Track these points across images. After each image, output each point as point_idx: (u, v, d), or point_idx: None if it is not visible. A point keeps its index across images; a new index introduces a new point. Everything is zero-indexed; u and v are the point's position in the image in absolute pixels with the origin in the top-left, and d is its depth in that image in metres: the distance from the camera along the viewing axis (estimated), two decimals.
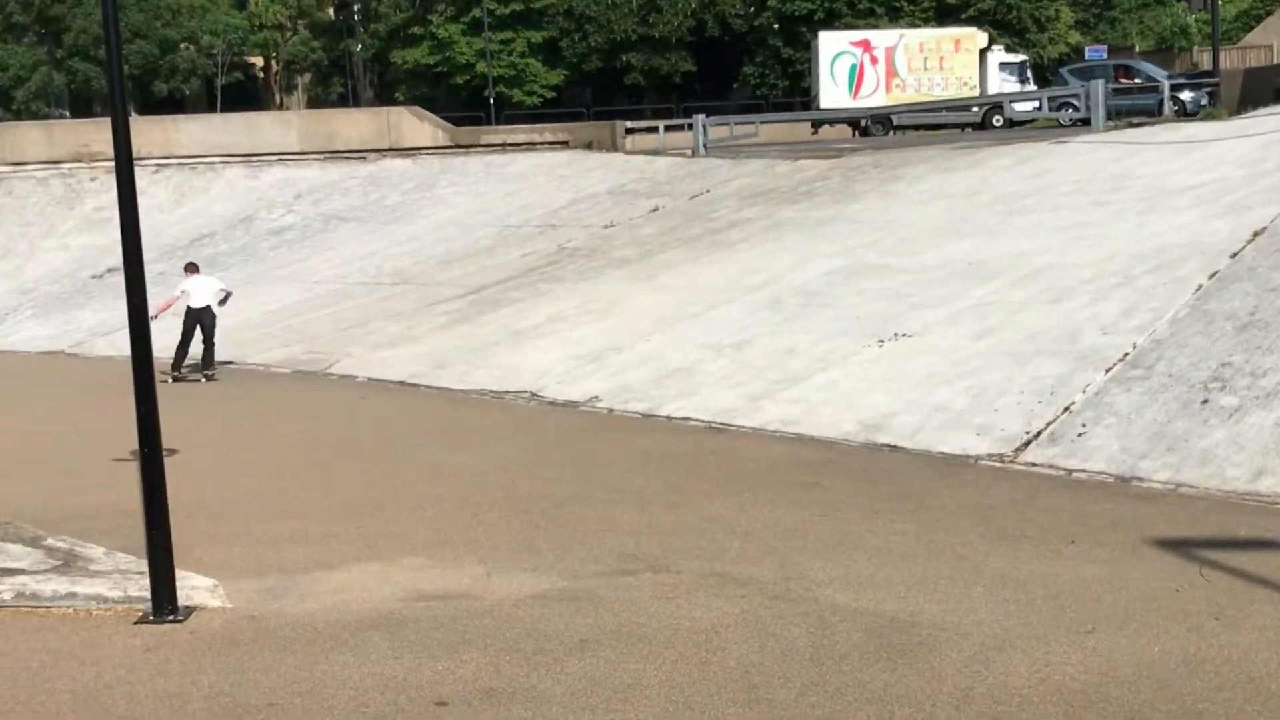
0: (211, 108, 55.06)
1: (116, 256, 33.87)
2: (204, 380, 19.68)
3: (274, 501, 11.22)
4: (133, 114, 32.60)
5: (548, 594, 8.25)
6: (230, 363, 20.37)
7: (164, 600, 7.87)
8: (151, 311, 8.77)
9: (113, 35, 7.83)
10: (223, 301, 20.02)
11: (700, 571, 8.67)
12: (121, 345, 22.38)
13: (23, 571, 8.34)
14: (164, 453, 8.13)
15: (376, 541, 9.64)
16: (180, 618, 7.82)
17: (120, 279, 31.67)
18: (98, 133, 35.89)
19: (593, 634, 7.47)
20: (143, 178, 7.61)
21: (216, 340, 19.83)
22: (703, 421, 14.09)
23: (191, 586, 8.16)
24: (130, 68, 49.31)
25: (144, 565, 8.11)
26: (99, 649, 7.38)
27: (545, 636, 7.44)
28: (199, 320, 19.86)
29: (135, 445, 8.21)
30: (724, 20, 52.52)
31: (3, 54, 53.27)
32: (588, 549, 9.29)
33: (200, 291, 20.10)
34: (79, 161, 35.99)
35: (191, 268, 21.72)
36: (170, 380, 19.31)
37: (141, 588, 7.99)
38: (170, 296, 20.16)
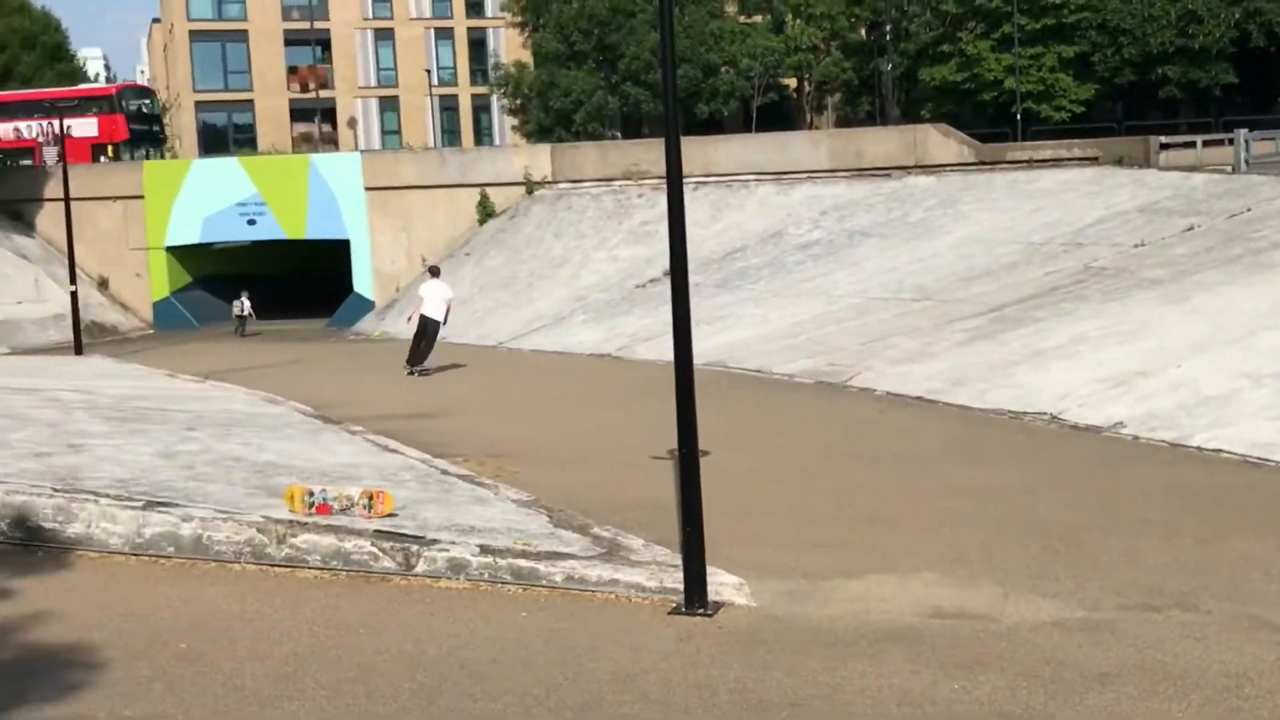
0: (747, 128, 57.04)
1: (658, 268, 35.93)
2: (418, 374, 22.93)
3: (796, 506, 11.47)
4: None
5: (1066, 622, 7.96)
6: (758, 371, 21.04)
7: (695, 594, 8.22)
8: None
9: (669, 64, 8.24)
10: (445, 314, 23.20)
11: (1232, 613, 8.07)
12: (661, 350, 23.64)
13: (572, 556, 8.96)
14: (699, 453, 8.50)
15: (893, 554, 9.65)
16: (709, 612, 8.15)
17: (660, 289, 33.53)
18: (646, 153, 38.10)
19: (1113, 668, 7.13)
20: (684, 194, 8.02)
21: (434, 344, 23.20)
22: (1237, 454, 13.10)
23: (720, 583, 8.48)
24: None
25: (678, 559, 8.52)
26: (636, 635, 7.81)
27: (1063, 665, 7.18)
28: (424, 324, 23.04)
29: (673, 445, 8.62)
30: (1270, 29, 48.63)
31: (566, 80, 57.43)
32: (1109, 579, 8.88)
33: (429, 298, 23.04)
34: (628, 179, 38.30)
35: (433, 271, 24.15)
36: (409, 373, 23.10)
37: (675, 580, 8.39)
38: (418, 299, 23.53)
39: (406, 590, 8.69)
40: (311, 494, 9.63)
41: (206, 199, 41.67)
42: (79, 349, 32.23)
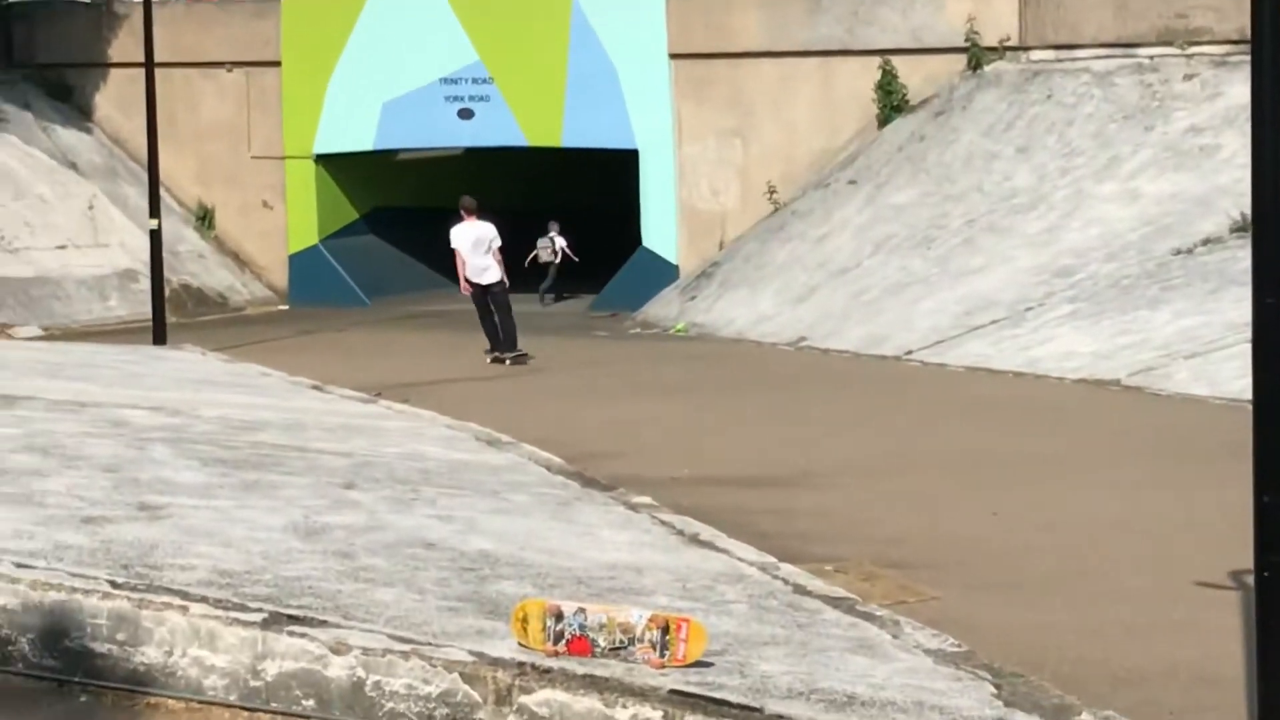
0: None
1: (1222, 217, 35.21)
2: (508, 362, 26.06)
3: None
4: None
5: None
6: None
7: None
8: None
9: None
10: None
11: None
12: (1222, 378, 23.10)
13: None
14: None
15: None
16: None
17: (1225, 258, 32.84)
18: None
19: None
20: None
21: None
22: None
23: None
24: None
25: None
26: None
27: None
28: (485, 295, 25.76)
29: (1242, 560, 8.43)
30: None
31: None
32: None
33: (471, 250, 25.69)
34: (1168, 45, 37.43)
35: (466, 208, 26.60)
36: (493, 360, 27.00)
37: None
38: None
39: None
40: (560, 617, 9.79)
41: (388, 70, 42.75)
42: (160, 334, 33.26)
